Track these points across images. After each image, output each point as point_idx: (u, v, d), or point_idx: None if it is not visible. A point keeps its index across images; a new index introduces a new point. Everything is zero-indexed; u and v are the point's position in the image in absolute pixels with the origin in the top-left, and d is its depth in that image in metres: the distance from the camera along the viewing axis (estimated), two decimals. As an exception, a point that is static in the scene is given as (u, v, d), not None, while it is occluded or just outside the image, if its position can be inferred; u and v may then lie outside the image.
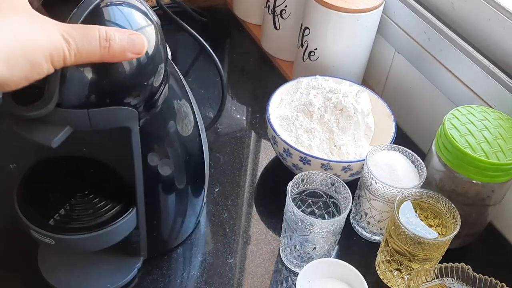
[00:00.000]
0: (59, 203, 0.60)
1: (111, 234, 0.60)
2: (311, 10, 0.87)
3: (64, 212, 0.60)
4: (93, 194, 0.62)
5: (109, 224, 0.59)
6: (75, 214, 0.60)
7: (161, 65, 0.53)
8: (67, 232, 0.58)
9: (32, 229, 0.58)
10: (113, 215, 0.60)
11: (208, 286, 0.67)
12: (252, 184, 0.82)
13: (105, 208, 0.61)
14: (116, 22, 0.48)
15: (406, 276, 0.67)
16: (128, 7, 0.49)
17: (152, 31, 0.51)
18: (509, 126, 0.67)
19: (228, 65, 1.05)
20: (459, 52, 0.78)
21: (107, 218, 0.60)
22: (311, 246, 0.66)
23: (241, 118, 0.93)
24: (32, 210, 0.59)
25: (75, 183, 0.63)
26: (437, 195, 0.66)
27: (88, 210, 0.60)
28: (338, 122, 0.77)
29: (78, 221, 0.59)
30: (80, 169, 0.64)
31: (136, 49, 0.45)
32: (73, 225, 0.59)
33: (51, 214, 0.59)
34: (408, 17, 0.86)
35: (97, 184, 0.63)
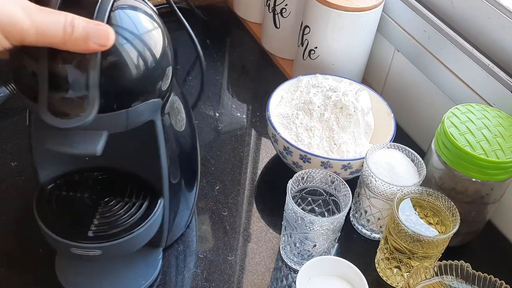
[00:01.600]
0: (88, 214, 0.60)
1: (150, 229, 0.61)
2: (311, 9, 0.87)
3: (97, 222, 0.59)
4: (115, 198, 0.62)
5: (146, 220, 0.60)
6: (108, 220, 0.60)
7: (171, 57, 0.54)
8: (110, 238, 0.58)
9: (74, 246, 0.57)
10: (145, 210, 0.61)
11: (209, 284, 0.68)
12: (252, 182, 0.82)
13: (134, 207, 0.61)
14: (123, 26, 0.48)
15: (405, 274, 0.68)
16: (135, 11, 0.49)
17: (159, 34, 0.51)
18: (508, 124, 0.67)
19: (228, 64, 1.06)
20: (459, 50, 0.78)
21: (141, 215, 0.61)
22: (311, 244, 0.67)
23: (241, 116, 0.94)
24: (66, 228, 0.58)
25: (93, 192, 0.62)
26: (437, 193, 0.66)
27: (119, 213, 0.61)
28: (338, 121, 0.77)
29: (115, 226, 0.59)
30: (92, 178, 0.64)
31: (100, 40, 0.44)
32: (113, 230, 0.59)
33: (87, 227, 0.59)
34: (408, 15, 0.86)
35: (114, 188, 0.63)
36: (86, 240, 0.57)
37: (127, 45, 0.48)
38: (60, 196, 0.61)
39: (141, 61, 0.49)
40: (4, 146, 0.81)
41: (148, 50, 0.49)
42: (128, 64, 0.48)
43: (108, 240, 0.58)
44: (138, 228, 0.59)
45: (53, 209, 0.60)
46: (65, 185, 0.62)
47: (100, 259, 0.59)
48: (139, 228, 0.59)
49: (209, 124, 0.91)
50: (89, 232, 0.58)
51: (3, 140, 0.82)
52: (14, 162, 0.79)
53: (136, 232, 0.59)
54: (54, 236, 0.57)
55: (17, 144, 0.81)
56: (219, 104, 0.96)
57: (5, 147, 0.81)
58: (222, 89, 0.99)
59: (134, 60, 0.48)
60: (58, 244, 0.58)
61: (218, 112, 0.94)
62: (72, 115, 0.46)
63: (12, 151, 0.80)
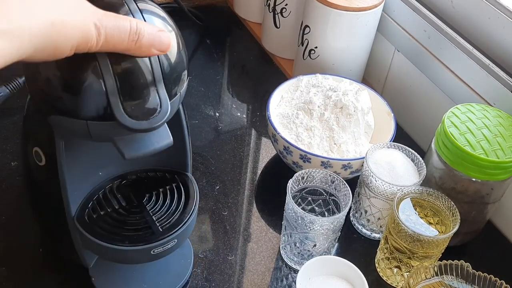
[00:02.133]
0: (143, 217, 0.60)
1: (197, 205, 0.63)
2: (311, 9, 0.87)
3: (155, 218, 0.60)
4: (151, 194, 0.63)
5: (194, 197, 0.63)
6: (163, 213, 0.61)
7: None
8: (179, 225, 0.59)
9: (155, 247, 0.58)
10: (184, 191, 0.63)
11: (209, 283, 0.68)
12: (252, 182, 0.82)
13: (175, 192, 0.63)
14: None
15: (405, 274, 0.68)
16: (149, 15, 0.49)
17: (173, 37, 0.51)
18: (508, 124, 0.67)
19: (228, 64, 1.06)
20: (459, 50, 0.78)
21: (184, 195, 0.63)
22: (311, 244, 0.67)
23: (241, 116, 0.94)
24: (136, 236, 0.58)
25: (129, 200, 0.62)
26: (437, 193, 0.67)
27: (166, 203, 0.62)
28: (338, 120, 0.77)
29: (172, 214, 0.61)
30: (116, 189, 0.64)
31: (162, 46, 0.46)
32: (174, 218, 0.60)
33: (153, 226, 0.59)
34: (408, 15, 0.86)
35: (142, 187, 0.64)
36: (161, 236, 0.58)
37: None
38: (103, 217, 0.60)
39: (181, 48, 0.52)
40: (4, 145, 0.81)
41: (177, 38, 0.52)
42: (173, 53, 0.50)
43: (178, 227, 0.59)
44: (194, 206, 0.62)
45: (108, 229, 0.59)
46: (98, 206, 0.61)
47: (175, 248, 0.60)
48: (194, 206, 0.62)
49: (209, 124, 0.91)
50: (159, 229, 0.59)
51: (3, 140, 0.82)
52: (14, 162, 0.79)
53: (193, 211, 0.61)
54: (134, 248, 0.57)
55: (17, 143, 0.81)
56: (219, 104, 0.96)
57: (5, 147, 0.81)
58: (222, 89, 0.99)
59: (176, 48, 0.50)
60: (137, 253, 0.58)
61: (218, 112, 0.94)
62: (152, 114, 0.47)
63: (12, 150, 0.80)
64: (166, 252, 0.59)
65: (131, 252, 0.58)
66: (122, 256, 0.59)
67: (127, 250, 0.57)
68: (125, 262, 0.63)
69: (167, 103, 0.48)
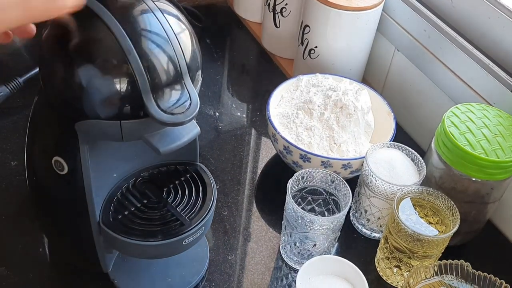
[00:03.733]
0: (167, 211, 0.61)
1: (216, 190, 0.65)
2: (311, 8, 0.87)
3: (180, 210, 0.61)
4: (169, 187, 0.64)
5: (212, 184, 0.64)
6: (185, 204, 0.62)
7: None
8: (204, 213, 0.61)
9: (186, 237, 0.59)
10: (200, 181, 0.64)
11: (209, 283, 0.68)
12: (252, 182, 0.82)
13: (191, 183, 0.64)
14: (151, 29, 0.49)
15: (405, 273, 0.68)
16: (163, 14, 0.50)
17: (190, 34, 0.53)
18: (508, 124, 0.67)
19: (228, 63, 1.06)
20: (459, 50, 0.78)
21: (202, 184, 0.64)
22: (311, 243, 0.67)
23: (241, 116, 0.94)
24: (166, 230, 0.59)
25: (148, 197, 0.63)
26: (437, 193, 0.67)
27: (186, 195, 0.63)
28: (338, 120, 0.77)
29: (195, 204, 0.62)
30: (133, 187, 0.64)
31: None
32: (197, 208, 0.61)
33: (180, 217, 0.60)
34: (408, 15, 0.86)
35: (158, 182, 0.64)
36: (190, 226, 0.59)
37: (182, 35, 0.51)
38: (128, 216, 0.61)
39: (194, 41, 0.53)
40: (4, 145, 0.81)
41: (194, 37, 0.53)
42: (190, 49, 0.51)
43: (204, 215, 0.60)
44: (213, 193, 0.63)
45: (137, 228, 0.59)
46: (120, 207, 0.61)
47: (202, 236, 0.62)
48: (214, 192, 0.63)
49: (209, 124, 0.91)
50: (186, 220, 0.60)
51: (3, 139, 0.82)
52: (14, 162, 0.79)
53: (214, 197, 0.63)
54: (165, 242, 0.58)
55: (17, 143, 0.81)
56: (219, 103, 0.96)
57: (5, 147, 0.81)
58: (222, 89, 0.99)
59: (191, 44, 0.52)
60: (170, 246, 0.59)
61: (218, 111, 0.94)
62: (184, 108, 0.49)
63: (12, 150, 0.80)
64: (195, 241, 0.61)
65: (165, 246, 0.58)
66: (156, 251, 0.59)
67: (161, 245, 0.58)
68: (158, 257, 0.64)
69: (196, 94, 0.49)
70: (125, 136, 0.51)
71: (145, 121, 0.49)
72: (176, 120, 0.48)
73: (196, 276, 0.67)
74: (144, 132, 0.51)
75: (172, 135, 0.52)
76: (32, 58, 0.96)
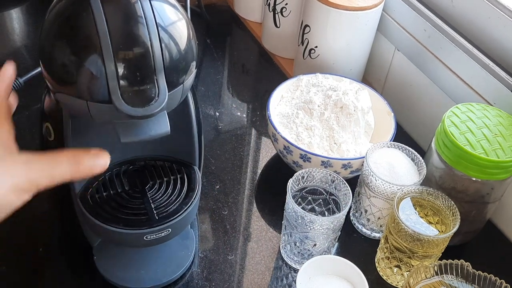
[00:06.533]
0: (142, 202, 0.62)
1: (199, 197, 0.64)
2: (311, 8, 0.87)
3: (154, 205, 0.61)
4: (156, 181, 0.64)
5: (196, 190, 0.64)
6: (163, 201, 0.62)
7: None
8: (176, 215, 0.60)
9: (148, 233, 0.59)
10: (188, 183, 0.64)
11: (209, 283, 0.68)
12: (252, 182, 0.82)
13: (178, 183, 0.64)
14: (131, 17, 0.49)
15: (405, 273, 0.68)
16: (160, 2, 0.50)
17: (185, 19, 0.53)
18: (508, 123, 0.67)
19: (228, 63, 1.06)
20: (459, 50, 0.78)
21: (187, 187, 0.64)
22: (311, 243, 0.67)
23: (241, 115, 0.94)
24: (131, 221, 0.60)
25: (133, 184, 0.64)
26: (437, 193, 0.67)
27: (167, 192, 0.63)
28: (338, 120, 0.77)
29: (172, 203, 0.62)
30: (123, 172, 0.65)
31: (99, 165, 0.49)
32: (171, 208, 0.61)
33: (149, 212, 0.60)
34: (408, 14, 0.86)
35: (148, 173, 0.65)
36: (156, 223, 0.59)
37: (170, 27, 0.50)
38: (105, 197, 0.62)
39: (191, 37, 0.53)
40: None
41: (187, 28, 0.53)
42: (178, 43, 0.51)
43: (175, 217, 0.60)
44: (193, 198, 0.63)
45: (107, 210, 0.60)
46: (102, 186, 0.63)
47: (170, 237, 0.61)
48: (194, 198, 0.63)
49: (209, 124, 0.91)
50: (155, 216, 0.60)
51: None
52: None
53: (193, 202, 0.62)
54: (126, 231, 0.59)
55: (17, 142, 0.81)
56: (219, 103, 0.96)
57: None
58: (222, 88, 0.99)
59: (181, 38, 0.51)
60: (130, 237, 0.59)
61: (218, 111, 0.94)
62: (148, 102, 0.48)
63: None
64: (160, 240, 0.60)
65: (124, 234, 0.59)
66: (116, 237, 0.60)
67: (121, 232, 0.59)
68: (121, 244, 0.65)
69: (165, 92, 0.49)
70: (94, 116, 0.51)
71: (110, 107, 0.48)
72: (135, 113, 0.48)
73: (168, 277, 0.66)
74: (111, 117, 0.50)
75: (139, 128, 0.51)
76: (32, 58, 0.96)
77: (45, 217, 0.72)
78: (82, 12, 0.48)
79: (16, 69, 0.54)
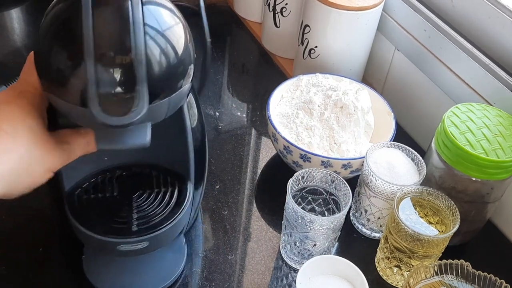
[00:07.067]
0: (126, 211, 0.61)
1: (187, 214, 0.63)
2: (311, 8, 0.87)
3: (137, 216, 0.60)
4: (145, 191, 0.63)
5: (183, 205, 0.62)
6: (147, 212, 0.61)
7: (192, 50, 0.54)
8: (155, 228, 0.59)
9: (122, 243, 0.58)
10: (177, 197, 0.63)
11: (209, 283, 0.68)
12: (252, 181, 0.82)
13: (167, 196, 0.63)
14: (146, 22, 0.48)
15: (405, 273, 0.68)
16: (157, 6, 0.50)
17: (181, 29, 0.52)
18: (508, 123, 0.67)
19: (228, 63, 1.06)
20: (459, 49, 0.78)
21: (176, 201, 0.62)
22: (311, 243, 0.67)
23: (241, 115, 0.94)
24: (109, 227, 0.59)
25: (122, 190, 0.63)
26: (437, 192, 0.67)
27: (154, 204, 0.62)
28: (338, 120, 0.77)
29: (155, 216, 0.61)
30: (117, 177, 0.65)
31: None
32: (154, 221, 0.60)
33: (129, 222, 0.59)
34: (408, 15, 0.86)
35: (141, 182, 0.64)
36: (133, 234, 0.58)
37: (160, 37, 0.49)
38: (91, 199, 0.61)
39: (177, 49, 0.51)
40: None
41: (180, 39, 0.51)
42: (168, 54, 0.49)
43: (154, 230, 0.59)
44: (178, 215, 0.61)
45: (89, 213, 0.60)
46: (92, 188, 0.62)
47: (147, 250, 0.60)
48: (179, 214, 0.61)
49: (209, 123, 0.91)
50: (133, 227, 0.59)
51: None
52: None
53: (177, 218, 0.61)
54: (100, 238, 0.58)
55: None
56: (219, 103, 0.96)
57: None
58: (222, 88, 0.99)
59: (172, 49, 0.50)
60: (104, 244, 0.58)
61: (218, 111, 0.94)
62: (126, 112, 0.47)
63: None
64: (138, 251, 0.59)
65: (98, 240, 0.58)
66: (92, 242, 0.59)
67: (96, 238, 0.58)
68: (95, 248, 0.64)
69: (145, 104, 0.47)
70: (74, 119, 0.50)
71: (89, 112, 0.47)
72: (110, 121, 0.46)
73: None
74: (90, 122, 0.49)
75: (117, 136, 0.50)
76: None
77: (45, 218, 0.73)
78: (72, 15, 0.47)
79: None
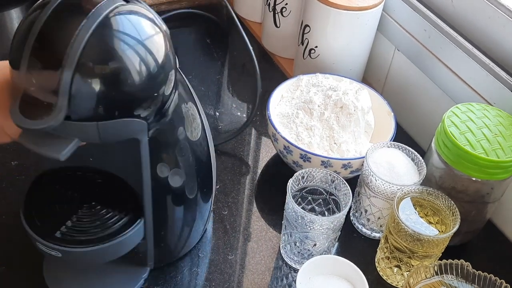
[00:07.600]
0: (66, 215, 0.59)
1: (118, 246, 0.59)
2: (311, 8, 0.87)
3: (71, 224, 0.59)
4: (100, 205, 0.61)
5: (116, 236, 0.58)
6: (82, 226, 0.59)
7: (171, 72, 0.52)
8: (73, 244, 0.57)
9: (38, 241, 0.57)
10: (121, 226, 0.59)
11: (209, 283, 0.68)
12: (252, 181, 0.82)
13: (113, 220, 0.60)
14: (125, 31, 0.48)
15: (405, 273, 0.68)
16: (137, 16, 0.49)
17: (161, 39, 0.51)
18: (508, 123, 0.67)
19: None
20: (459, 49, 0.78)
21: (114, 230, 0.59)
22: (311, 243, 0.67)
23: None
24: (38, 222, 0.58)
25: (82, 194, 0.62)
26: (437, 192, 0.67)
27: (95, 221, 0.59)
28: (338, 120, 0.77)
29: (85, 233, 0.58)
30: (87, 179, 0.63)
31: None
32: (80, 237, 0.58)
33: (58, 226, 0.58)
34: (408, 14, 0.86)
35: (104, 194, 0.62)
36: (51, 239, 0.57)
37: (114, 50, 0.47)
38: (46, 190, 0.61)
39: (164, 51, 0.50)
40: (4, 145, 0.81)
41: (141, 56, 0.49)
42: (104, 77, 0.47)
43: (69, 245, 0.57)
44: (103, 243, 0.58)
45: (38, 201, 0.60)
46: (57, 179, 0.62)
47: (62, 261, 0.58)
48: (104, 243, 0.58)
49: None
50: (57, 233, 0.58)
51: (3, 139, 0.82)
52: (15, 161, 0.79)
53: (99, 245, 0.57)
54: (26, 227, 0.58)
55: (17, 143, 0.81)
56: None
57: (6, 146, 0.81)
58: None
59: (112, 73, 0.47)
60: (29, 236, 0.58)
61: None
62: (39, 118, 0.46)
63: (13, 150, 0.80)
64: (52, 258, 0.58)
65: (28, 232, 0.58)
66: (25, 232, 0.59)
67: (24, 225, 0.58)
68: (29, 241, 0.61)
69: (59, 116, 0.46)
70: None
71: None
72: (20, 122, 0.46)
73: None
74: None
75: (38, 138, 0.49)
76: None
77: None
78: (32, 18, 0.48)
79: None
